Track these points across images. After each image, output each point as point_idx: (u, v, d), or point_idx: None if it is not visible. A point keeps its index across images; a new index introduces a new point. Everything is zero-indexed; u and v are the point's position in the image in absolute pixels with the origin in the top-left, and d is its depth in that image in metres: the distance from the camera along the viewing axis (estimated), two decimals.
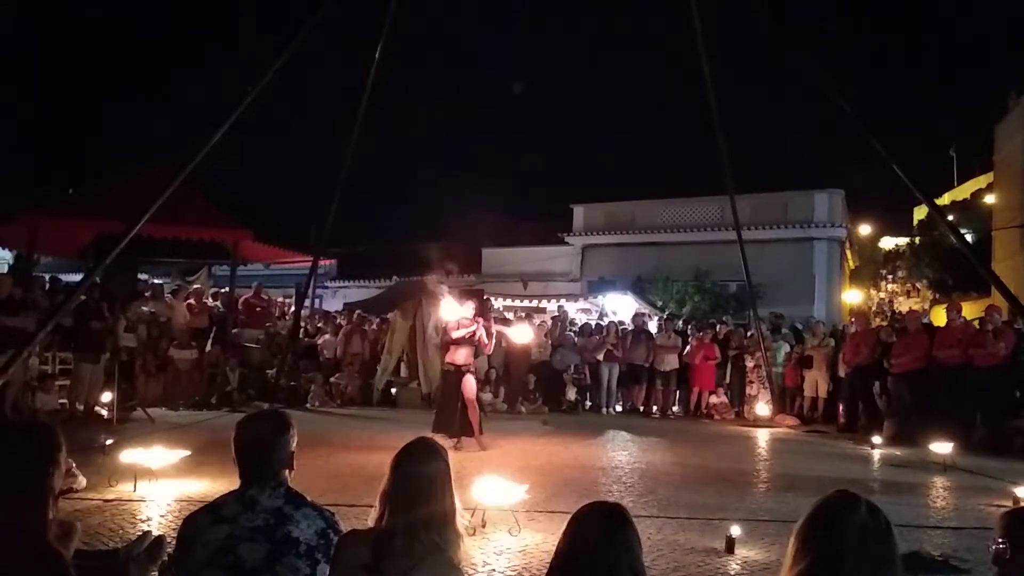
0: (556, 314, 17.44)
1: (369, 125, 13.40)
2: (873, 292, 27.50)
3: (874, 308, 25.25)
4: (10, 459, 2.32)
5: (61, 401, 10.67)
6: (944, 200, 31.20)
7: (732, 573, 4.72)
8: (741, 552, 5.01)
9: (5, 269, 13.62)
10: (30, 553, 2.12)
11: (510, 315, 17.79)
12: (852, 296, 27.45)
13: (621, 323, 15.49)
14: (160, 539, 3.94)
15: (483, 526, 5.25)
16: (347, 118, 13.65)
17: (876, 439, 10.16)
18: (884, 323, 17.55)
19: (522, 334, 11.99)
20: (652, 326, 15.55)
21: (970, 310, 14.98)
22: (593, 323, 16.43)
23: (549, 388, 14.08)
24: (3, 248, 15.41)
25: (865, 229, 30.46)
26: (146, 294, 14.00)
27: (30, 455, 2.34)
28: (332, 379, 14.06)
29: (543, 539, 5.12)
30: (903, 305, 25.29)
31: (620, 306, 19.53)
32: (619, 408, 14.37)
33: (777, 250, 22.13)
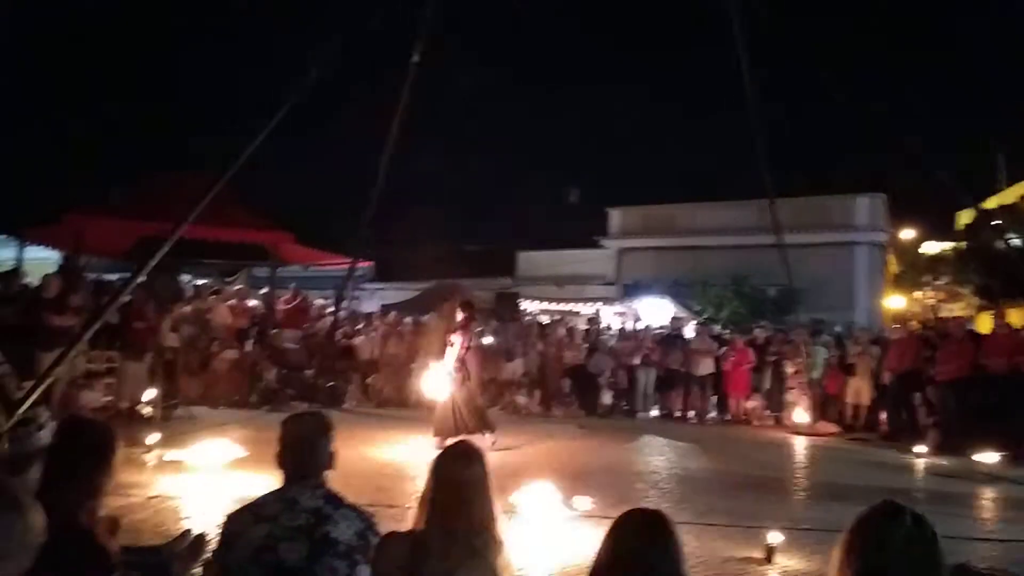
0: (590, 318, 17.44)
1: (406, 129, 13.41)
2: (919, 296, 26.89)
3: (922, 314, 24.67)
4: (70, 451, 2.42)
5: (106, 398, 10.90)
6: (991, 204, 30.41)
7: None
8: (781, 561, 4.93)
9: (53, 269, 13.93)
10: (78, 542, 2.17)
11: (544, 318, 17.80)
12: (894, 302, 26.91)
13: (662, 327, 15.37)
14: (202, 537, 4.00)
15: (518, 529, 5.24)
16: (386, 121, 13.70)
17: (920, 448, 9.94)
18: (927, 330, 17.14)
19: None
20: (689, 331, 15.40)
21: (1017, 317, 14.59)
22: (629, 327, 16.34)
23: (584, 392, 14.02)
24: (51, 248, 15.79)
25: (907, 233, 29.84)
26: (189, 295, 14.25)
27: (89, 450, 2.43)
28: (368, 380, 14.16)
29: (579, 543, 5.09)
30: (948, 311, 24.71)
31: (656, 310, 19.41)
32: (655, 413, 14.25)
33: (817, 255, 21.77)
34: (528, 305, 19.07)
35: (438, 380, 9.52)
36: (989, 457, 8.40)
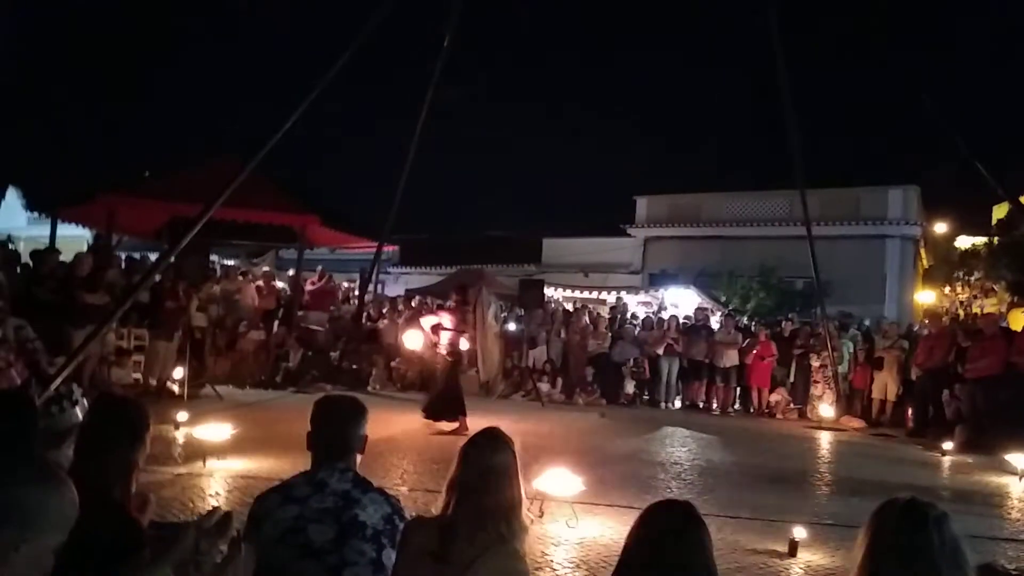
0: (615, 306, 17.37)
1: (434, 115, 13.45)
2: (952, 292, 26.42)
3: (953, 310, 24.25)
4: (104, 428, 2.47)
5: (135, 376, 11.08)
6: None
7: None
8: (804, 556, 4.91)
9: (85, 247, 14.15)
10: (111, 518, 2.21)
11: (568, 306, 17.77)
12: (925, 296, 26.50)
13: (687, 318, 15.29)
14: (229, 515, 4.05)
15: (541, 517, 5.26)
16: (414, 105, 13.73)
17: (947, 445, 9.81)
18: (958, 326, 16.87)
19: (411, 340, 11.84)
20: (714, 321, 15.31)
21: None
22: (654, 316, 16.27)
23: (607, 381, 13.99)
24: (84, 227, 16.03)
25: (940, 227, 29.33)
26: (218, 275, 14.41)
27: (123, 427, 2.48)
28: (393, 363, 14.25)
29: (601, 532, 5.10)
30: (980, 307, 24.29)
31: (682, 300, 19.29)
32: (678, 403, 14.20)
33: (848, 247, 21.51)
34: (553, 292, 19.02)
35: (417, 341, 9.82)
36: (1019, 456, 8.26)
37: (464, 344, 10.26)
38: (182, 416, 7.67)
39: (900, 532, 1.84)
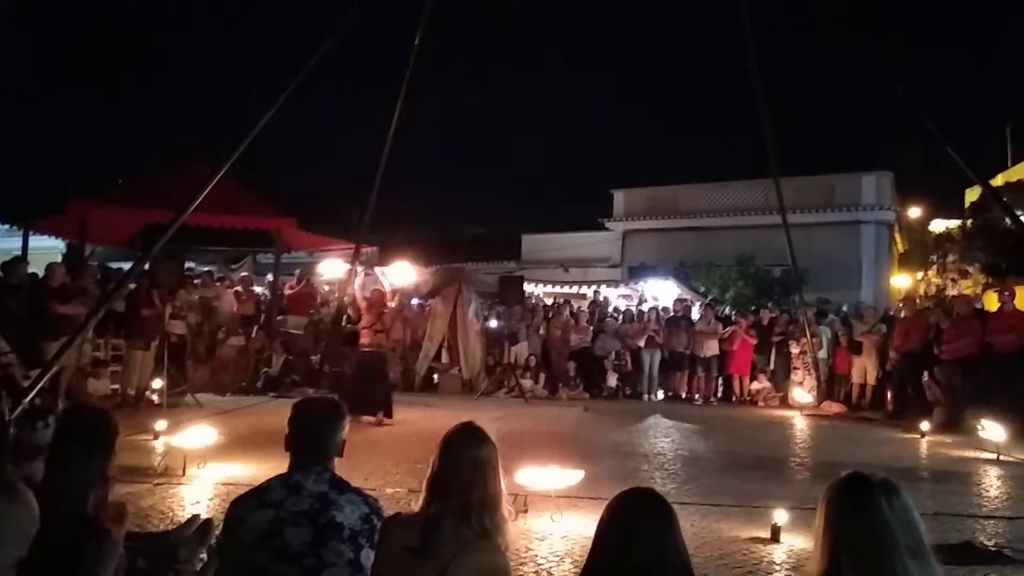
0: (594, 300, 17.41)
1: (408, 113, 13.35)
2: (929, 275, 26.76)
3: (929, 292, 24.54)
4: (73, 439, 2.44)
5: (113, 387, 10.96)
6: (998, 181, 30.18)
7: (778, 561, 4.66)
8: (787, 540, 4.94)
9: (59, 258, 13.97)
10: (82, 527, 2.18)
11: (549, 301, 17.77)
12: (901, 281, 26.80)
13: (664, 309, 15.36)
14: (208, 522, 4.03)
15: (525, 511, 5.26)
16: (387, 105, 13.63)
17: (925, 426, 9.93)
18: (934, 308, 17.06)
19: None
20: (695, 312, 15.40)
21: None
22: (634, 309, 16.32)
23: (590, 374, 14.04)
24: (56, 238, 15.83)
25: (914, 212, 29.67)
26: (196, 282, 14.28)
27: (91, 438, 2.44)
28: None
29: (585, 525, 5.10)
30: (956, 290, 24.60)
31: (662, 292, 19.36)
32: (660, 395, 14.26)
33: (823, 234, 21.71)
34: (533, 288, 19.02)
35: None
36: (995, 434, 8.38)
37: (382, 341, 10.51)
38: (161, 425, 7.59)
39: (849, 501, 1.90)
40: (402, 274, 12.24)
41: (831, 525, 1.90)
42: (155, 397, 10.52)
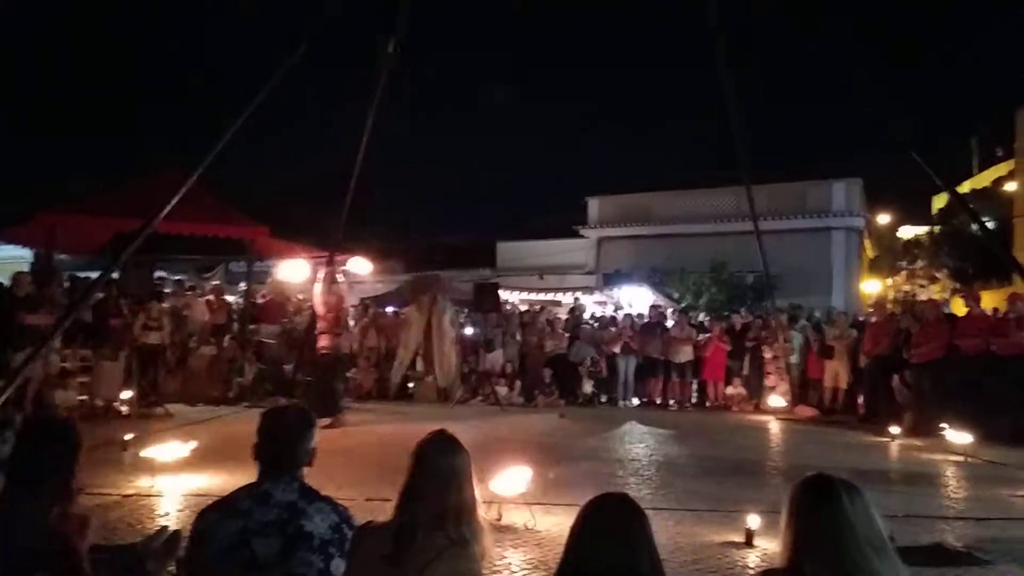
0: (572, 307, 17.43)
1: (381, 122, 13.29)
2: (898, 279, 27.22)
3: (898, 297, 24.94)
4: (36, 451, 2.38)
5: (81, 397, 10.77)
6: (964, 188, 30.82)
7: (752, 565, 4.68)
8: (761, 544, 4.97)
9: (26, 268, 13.72)
10: (46, 541, 2.14)
11: (524, 308, 17.79)
12: (871, 286, 27.20)
13: (639, 315, 15.42)
14: (177, 533, 3.97)
15: (499, 519, 5.24)
16: (360, 113, 13.58)
17: (895, 429, 10.06)
18: (903, 313, 17.32)
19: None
20: (669, 319, 15.47)
21: (991, 299, 14.77)
22: (609, 316, 16.37)
23: (566, 381, 14.04)
24: (22, 247, 15.55)
25: (884, 218, 30.16)
26: (167, 291, 14.10)
27: (54, 450, 2.39)
28: (348, 373, 14.08)
29: (560, 532, 5.09)
30: (924, 294, 25.02)
31: (636, 298, 19.46)
32: (636, 401, 14.30)
33: (795, 240, 21.97)
34: (508, 295, 19.04)
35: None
36: (962, 437, 8.51)
37: (339, 344, 10.71)
38: (129, 436, 7.47)
39: (811, 498, 1.98)
40: (359, 267, 12.28)
41: (794, 520, 1.97)
42: (124, 408, 10.36)
